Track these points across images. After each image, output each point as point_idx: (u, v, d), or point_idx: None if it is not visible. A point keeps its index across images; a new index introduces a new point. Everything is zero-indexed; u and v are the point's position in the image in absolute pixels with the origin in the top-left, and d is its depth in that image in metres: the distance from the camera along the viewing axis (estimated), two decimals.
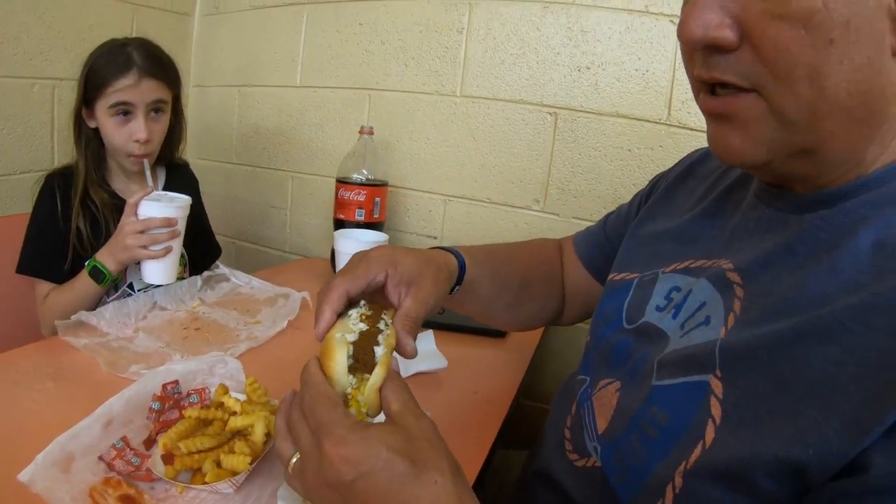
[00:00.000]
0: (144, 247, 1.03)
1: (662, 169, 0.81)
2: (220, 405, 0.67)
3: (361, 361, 0.51)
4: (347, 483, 0.43)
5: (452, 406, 0.84)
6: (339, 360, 0.50)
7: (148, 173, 1.12)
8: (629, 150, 1.26)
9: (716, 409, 0.47)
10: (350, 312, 0.55)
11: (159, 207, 1.04)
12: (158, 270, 1.07)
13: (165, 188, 1.23)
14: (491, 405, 0.85)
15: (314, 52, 1.55)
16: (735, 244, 0.58)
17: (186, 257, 1.24)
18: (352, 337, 0.52)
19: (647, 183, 0.82)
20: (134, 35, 1.17)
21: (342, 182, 1.32)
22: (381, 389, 0.49)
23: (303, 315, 1.07)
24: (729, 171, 0.68)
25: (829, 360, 0.42)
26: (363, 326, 0.53)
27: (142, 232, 1.02)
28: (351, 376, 0.50)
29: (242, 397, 0.69)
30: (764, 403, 0.44)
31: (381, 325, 0.54)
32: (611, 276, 0.72)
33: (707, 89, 0.50)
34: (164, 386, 0.71)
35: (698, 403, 0.48)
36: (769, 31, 0.45)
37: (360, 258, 0.61)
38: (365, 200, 1.31)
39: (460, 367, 0.93)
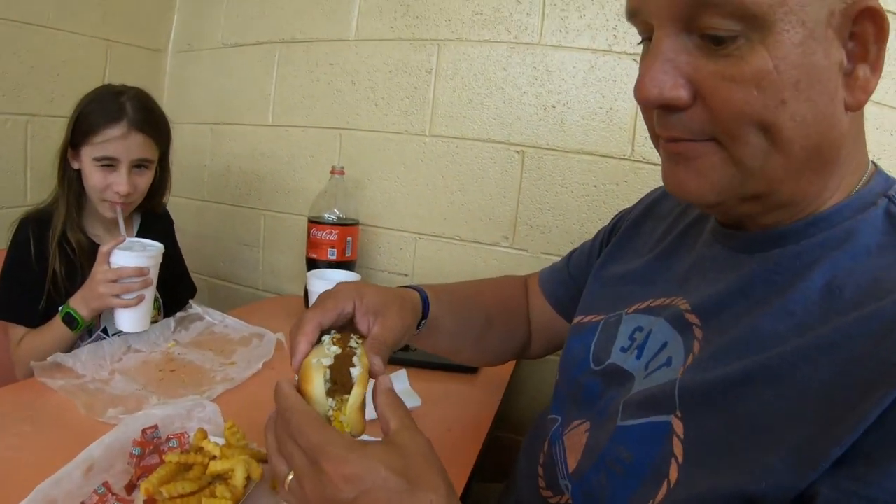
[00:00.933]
0: (117, 295, 1.06)
1: (628, 203, 0.87)
2: (200, 449, 0.70)
3: (339, 384, 0.55)
4: (349, 501, 0.45)
5: None
6: (317, 384, 0.54)
7: (121, 221, 1.16)
8: (595, 186, 1.35)
9: (678, 449, 0.50)
10: (322, 339, 0.60)
11: (131, 257, 1.07)
12: (132, 319, 1.10)
13: (140, 233, 1.27)
14: (466, 440, 0.90)
15: (286, 91, 1.62)
16: (691, 282, 0.62)
17: (160, 301, 1.28)
18: (327, 361, 0.56)
19: (609, 218, 0.88)
20: (109, 71, 1.21)
21: (314, 222, 1.39)
22: (377, 407, 0.53)
23: (278, 356, 1.11)
24: (687, 211, 0.73)
25: (779, 398, 0.45)
26: (336, 350, 0.58)
27: (114, 281, 1.05)
28: (330, 399, 0.54)
29: (221, 441, 0.72)
30: (721, 442, 0.47)
31: (353, 344, 0.59)
32: (577, 319, 0.76)
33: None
34: (144, 431, 0.74)
35: (661, 443, 0.51)
36: (721, 92, 0.48)
37: (327, 294, 0.67)
38: (337, 240, 1.38)
39: (434, 405, 0.98)
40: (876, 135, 1.29)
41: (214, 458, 0.68)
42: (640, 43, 0.55)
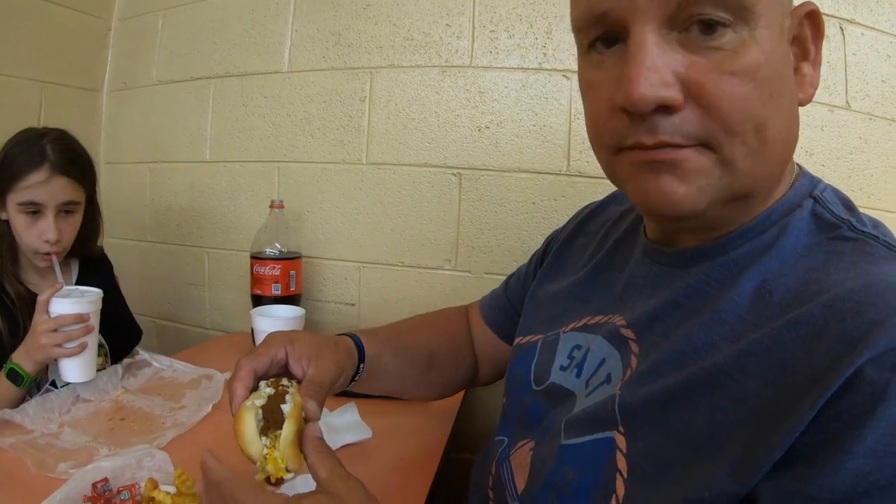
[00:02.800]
0: (59, 345, 1.07)
1: (567, 218, 0.90)
2: (151, 500, 0.72)
3: (272, 421, 0.58)
4: None
5: (380, 474, 0.89)
6: (249, 423, 0.58)
7: (57, 269, 1.17)
8: (533, 203, 1.40)
9: (622, 464, 0.52)
10: (259, 385, 0.64)
11: (70, 304, 1.08)
12: (76, 367, 1.11)
13: (79, 280, 1.29)
14: (419, 468, 0.93)
15: (222, 126, 1.66)
16: (626, 300, 0.64)
17: (106, 347, 1.30)
18: (259, 402, 0.60)
19: (549, 234, 0.92)
20: (44, 112, 1.23)
21: (256, 257, 1.42)
22: (306, 458, 0.56)
23: (227, 397, 1.12)
24: (617, 225, 0.77)
25: (715, 408, 0.47)
26: (270, 391, 0.61)
27: (54, 330, 1.06)
28: (264, 438, 0.58)
29: (172, 489, 0.74)
30: (663, 454, 0.49)
31: (285, 383, 0.63)
32: (517, 341, 0.79)
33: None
34: (94, 485, 0.75)
35: (606, 459, 0.53)
36: (721, 86, 0.47)
37: (259, 344, 0.71)
38: (280, 274, 1.41)
39: (386, 436, 1.01)
40: (807, 131, 1.37)
41: None
42: (589, 49, 0.53)
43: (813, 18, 0.51)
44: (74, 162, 1.17)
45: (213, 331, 1.74)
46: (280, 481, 0.58)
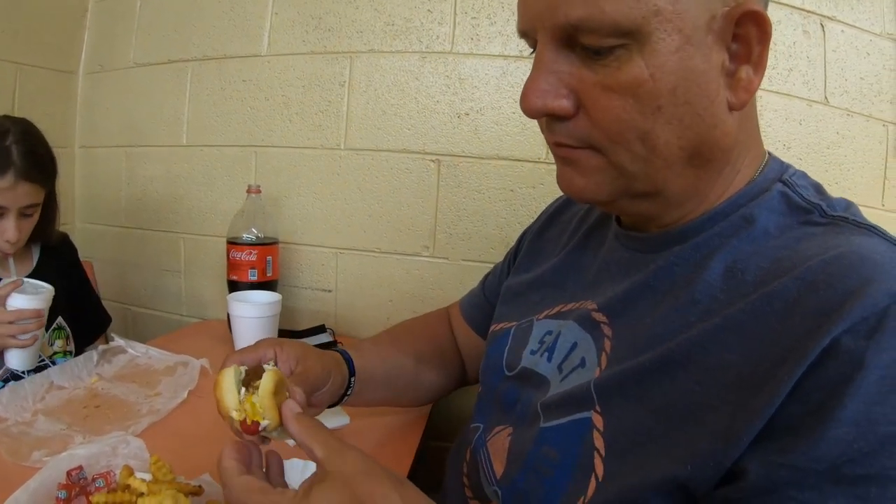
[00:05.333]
0: (13, 336, 1.12)
1: (545, 205, 0.94)
2: (127, 487, 0.71)
3: (253, 386, 0.62)
4: None
5: None
6: (228, 377, 0.62)
7: (12, 264, 1.22)
8: (512, 191, 1.44)
9: (599, 442, 0.54)
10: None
11: (28, 300, 1.14)
12: (22, 356, 1.16)
13: (39, 265, 1.32)
14: (397, 455, 0.95)
15: (199, 110, 1.67)
16: (599, 286, 0.67)
17: (68, 329, 1.32)
18: (243, 367, 0.65)
19: (532, 220, 0.94)
20: (18, 95, 1.22)
21: (232, 243, 1.43)
22: (295, 437, 0.56)
23: (203, 383, 1.15)
24: (589, 214, 0.80)
25: (693, 381, 0.49)
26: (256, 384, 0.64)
27: (11, 322, 1.11)
28: (243, 390, 0.62)
29: (148, 476, 0.73)
30: (642, 431, 0.51)
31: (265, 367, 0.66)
32: (492, 328, 0.82)
33: None
34: (69, 473, 0.74)
35: (583, 438, 0.55)
36: (601, 101, 0.52)
37: (249, 345, 0.75)
38: (257, 260, 1.43)
39: (363, 420, 1.02)
40: (785, 125, 1.41)
41: (142, 494, 0.70)
42: (531, 54, 0.58)
43: (757, 19, 0.51)
44: (39, 165, 1.19)
45: (189, 318, 1.75)
46: (255, 427, 0.60)
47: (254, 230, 1.45)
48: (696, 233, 0.59)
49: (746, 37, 0.52)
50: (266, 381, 0.61)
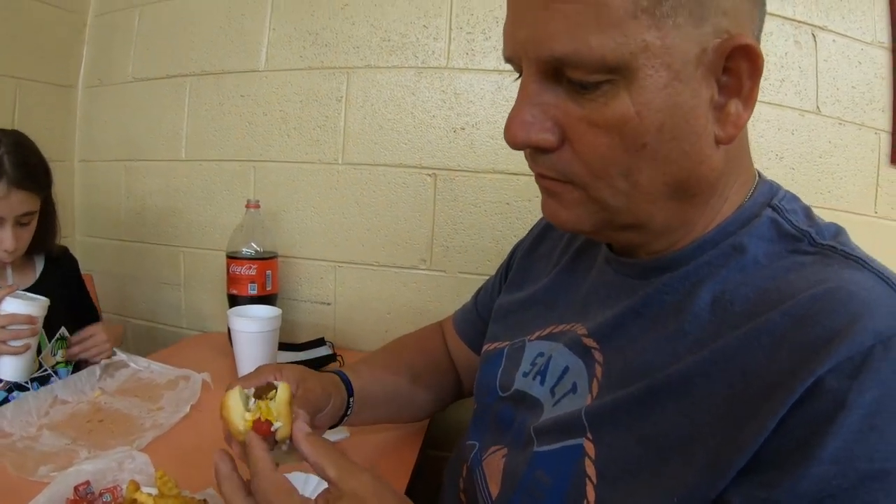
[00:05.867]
0: (4, 342, 1.13)
1: (540, 217, 0.93)
2: (133, 501, 0.73)
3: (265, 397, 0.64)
4: None
5: None
6: (234, 397, 0.64)
7: (9, 271, 1.24)
8: (508, 204, 1.46)
9: (591, 470, 0.54)
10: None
11: (22, 305, 1.15)
12: (15, 367, 1.17)
13: (43, 275, 1.34)
14: (396, 467, 0.97)
15: (198, 124, 1.70)
16: (589, 309, 0.67)
17: (70, 340, 1.34)
18: (248, 391, 0.66)
19: (525, 233, 0.95)
20: (19, 108, 1.25)
21: (232, 257, 1.46)
22: (306, 457, 0.58)
23: (204, 397, 1.17)
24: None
25: (681, 413, 0.50)
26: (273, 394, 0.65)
27: (3, 327, 1.12)
28: (252, 402, 0.63)
29: (154, 491, 0.75)
30: (632, 460, 0.51)
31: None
32: (485, 348, 0.83)
33: None
34: (76, 488, 0.76)
35: (575, 465, 0.55)
36: (586, 137, 0.52)
37: (250, 372, 0.76)
38: (256, 274, 1.45)
39: (362, 434, 1.03)
40: (777, 135, 1.44)
41: None
42: (516, 79, 0.57)
43: (748, 53, 0.50)
44: (31, 174, 1.20)
45: (189, 330, 1.77)
46: (268, 427, 0.62)
47: (253, 244, 1.47)
48: (685, 261, 0.58)
49: (737, 70, 0.51)
50: (282, 391, 0.63)
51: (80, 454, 0.94)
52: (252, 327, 1.27)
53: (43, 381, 1.27)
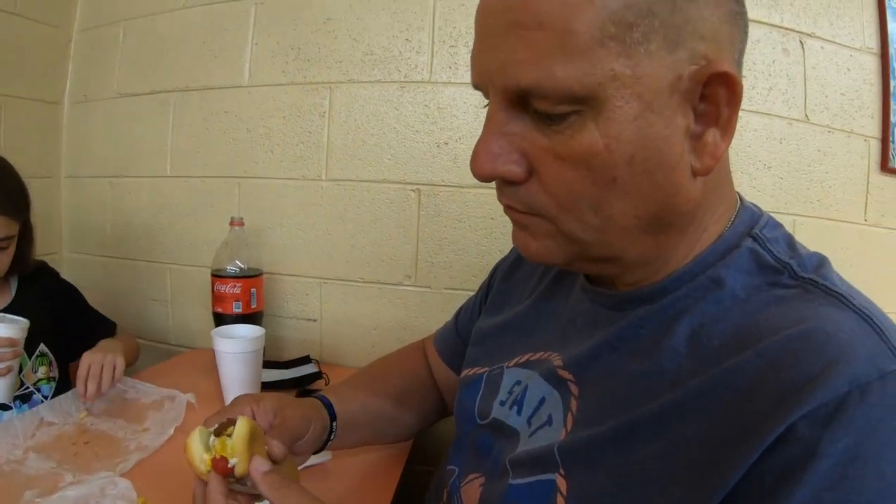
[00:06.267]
0: None
1: None
2: None
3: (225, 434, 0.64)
4: None
5: (341, 495, 0.94)
6: (195, 437, 0.64)
7: None
8: (492, 219, 1.46)
9: None
10: None
11: (4, 328, 1.15)
12: None
13: (18, 296, 1.34)
14: (381, 483, 0.98)
15: (182, 140, 1.70)
16: (566, 338, 0.66)
17: (51, 356, 1.34)
18: (212, 428, 0.66)
19: (509, 249, 0.94)
20: (4, 125, 1.25)
21: (217, 276, 1.46)
22: (266, 493, 0.59)
23: (189, 418, 1.17)
24: None
25: (655, 454, 0.49)
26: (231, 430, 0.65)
27: None
28: (214, 439, 0.63)
29: None
30: (604, 499, 0.51)
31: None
32: (464, 373, 0.82)
33: None
34: None
35: (548, 499, 0.55)
36: (553, 169, 0.50)
37: (227, 405, 0.76)
38: (241, 292, 1.45)
39: (345, 455, 1.03)
40: (766, 144, 1.44)
41: None
42: (484, 106, 0.56)
43: (727, 81, 0.48)
44: (11, 199, 1.21)
45: (177, 346, 1.77)
46: (225, 464, 0.62)
47: (237, 262, 1.47)
48: (661, 294, 0.57)
49: (715, 97, 0.49)
50: (240, 426, 0.63)
51: (64, 478, 0.94)
52: (235, 348, 1.27)
53: (25, 398, 1.28)
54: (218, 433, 0.65)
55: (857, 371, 0.42)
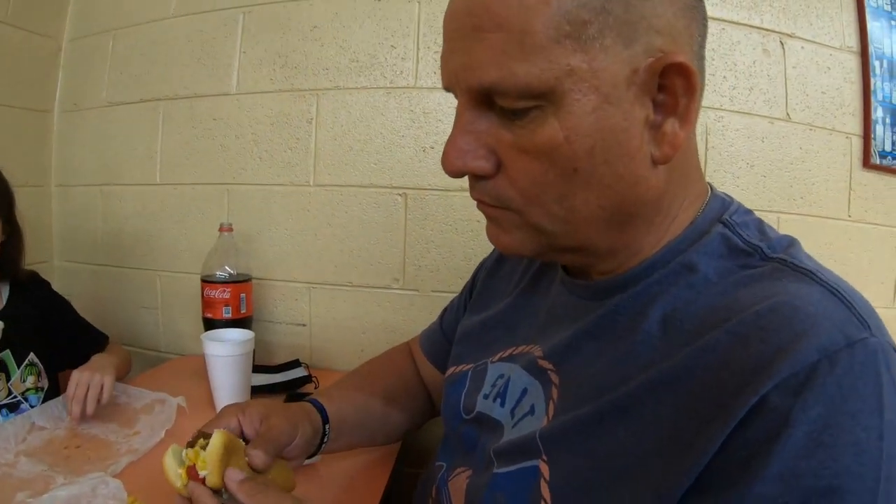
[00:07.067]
0: None
1: None
2: None
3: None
4: None
5: (330, 497, 0.96)
6: (169, 455, 0.65)
7: None
8: (478, 221, 1.48)
9: (545, 492, 0.55)
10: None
11: None
12: None
13: (9, 303, 1.36)
14: (369, 484, 0.99)
15: (172, 148, 1.72)
16: (546, 331, 0.69)
17: (40, 366, 1.36)
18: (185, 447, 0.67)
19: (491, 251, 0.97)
20: None
21: (206, 281, 1.49)
22: (245, 499, 0.61)
23: (179, 422, 1.19)
24: None
25: (632, 435, 0.50)
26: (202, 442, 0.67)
27: None
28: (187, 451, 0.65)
29: None
30: (584, 482, 0.53)
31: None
32: (450, 371, 0.84)
33: None
34: None
35: (531, 487, 0.57)
36: (518, 163, 0.53)
37: (213, 417, 0.77)
38: (230, 298, 1.48)
39: (334, 458, 1.03)
40: (748, 144, 1.47)
41: None
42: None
43: (682, 71, 0.50)
44: None
45: (167, 353, 1.80)
46: (195, 475, 0.63)
47: (227, 268, 1.50)
48: (635, 281, 0.59)
49: (672, 88, 0.51)
50: (214, 438, 0.64)
51: (56, 480, 0.96)
52: (224, 351, 1.29)
53: (12, 407, 1.29)
54: (191, 445, 0.66)
55: (825, 341, 0.44)
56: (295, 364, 1.53)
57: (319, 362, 1.62)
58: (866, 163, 1.58)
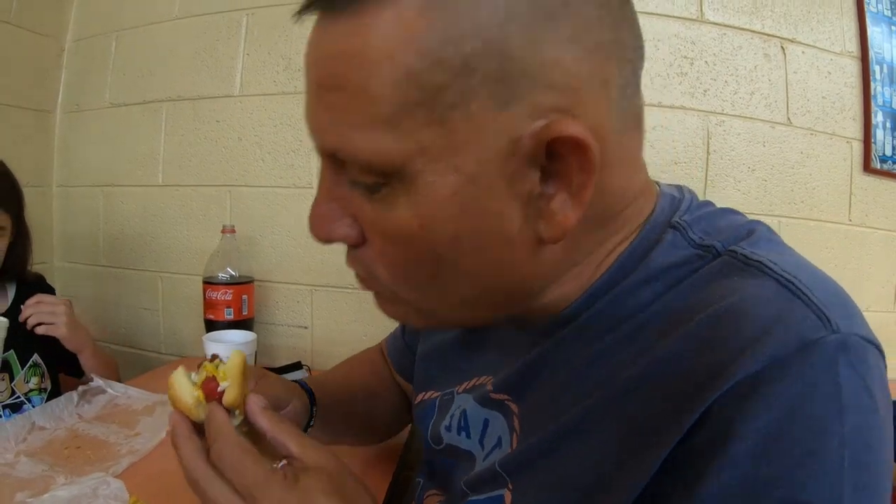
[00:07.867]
0: None
1: None
2: None
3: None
4: None
5: None
6: (178, 375, 0.59)
7: None
8: None
9: None
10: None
11: None
12: None
13: (16, 303, 1.37)
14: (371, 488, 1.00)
15: (174, 150, 1.74)
16: (498, 362, 0.64)
17: (43, 367, 1.37)
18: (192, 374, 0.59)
19: None
20: None
21: (208, 283, 1.50)
22: (266, 432, 0.55)
23: None
24: None
25: (588, 454, 0.48)
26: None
27: None
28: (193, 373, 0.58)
29: None
30: (547, 502, 0.51)
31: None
32: (419, 397, 0.79)
33: None
34: None
35: None
36: (377, 242, 0.46)
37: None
38: (232, 299, 1.49)
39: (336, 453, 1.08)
40: (748, 148, 1.49)
41: None
42: None
43: (574, 145, 0.41)
44: (1, 190, 1.25)
45: (167, 355, 1.81)
46: (215, 386, 0.57)
47: (229, 269, 1.51)
48: (578, 314, 0.53)
49: (566, 159, 0.42)
50: (234, 356, 0.58)
51: (56, 480, 0.96)
52: (228, 352, 1.31)
53: (15, 408, 1.31)
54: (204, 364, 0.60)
55: (774, 348, 0.40)
56: (296, 366, 1.54)
57: (321, 364, 1.63)
58: (867, 167, 1.60)
